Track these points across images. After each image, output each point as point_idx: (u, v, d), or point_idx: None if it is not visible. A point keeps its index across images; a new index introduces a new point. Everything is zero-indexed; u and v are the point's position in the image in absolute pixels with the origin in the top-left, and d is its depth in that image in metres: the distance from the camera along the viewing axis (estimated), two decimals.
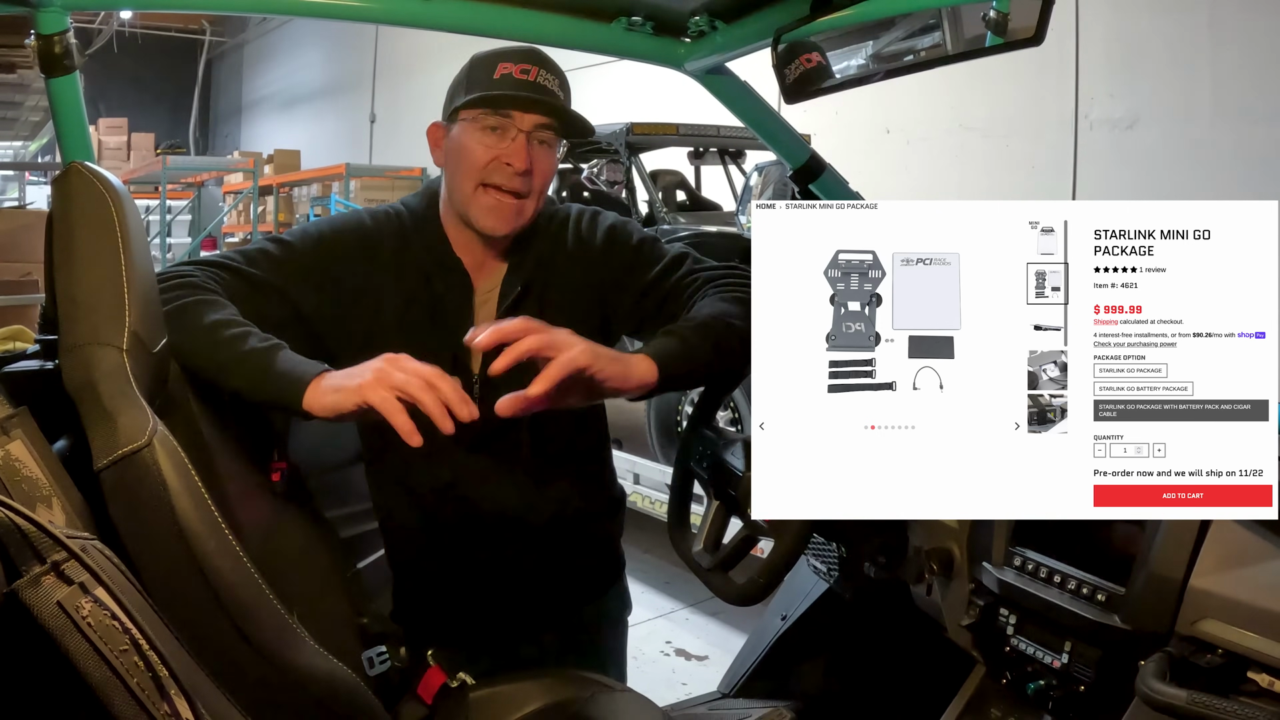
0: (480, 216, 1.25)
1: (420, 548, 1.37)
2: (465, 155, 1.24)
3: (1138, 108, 5.19)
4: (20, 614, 0.59)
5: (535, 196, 1.26)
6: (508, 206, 1.25)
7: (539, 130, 1.24)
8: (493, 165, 1.23)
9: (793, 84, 1.35)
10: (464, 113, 1.25)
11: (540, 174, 1.25)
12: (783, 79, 1.34)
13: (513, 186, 1.24)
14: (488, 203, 1.24)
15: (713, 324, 1.18)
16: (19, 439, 0.86)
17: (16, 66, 7.05)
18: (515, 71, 1.23)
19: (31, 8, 1.16)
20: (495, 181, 1.23)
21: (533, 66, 1.24)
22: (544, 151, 1.25)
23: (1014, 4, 1.19)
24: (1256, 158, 4.60)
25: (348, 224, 1.32)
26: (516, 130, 1.23)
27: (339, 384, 1.04)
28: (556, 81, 1.26)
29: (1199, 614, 0.94)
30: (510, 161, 1.22)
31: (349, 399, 1.02)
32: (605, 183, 5.55)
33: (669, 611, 3.41)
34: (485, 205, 1.25)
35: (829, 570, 1.57)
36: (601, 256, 1.34)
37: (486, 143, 1.23)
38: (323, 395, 1.04)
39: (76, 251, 0.94)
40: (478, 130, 1.24)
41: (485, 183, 1.24)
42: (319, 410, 1.04)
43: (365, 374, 1.03)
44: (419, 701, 1.26)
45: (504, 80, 1.23)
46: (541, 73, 1.24)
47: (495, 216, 1.25)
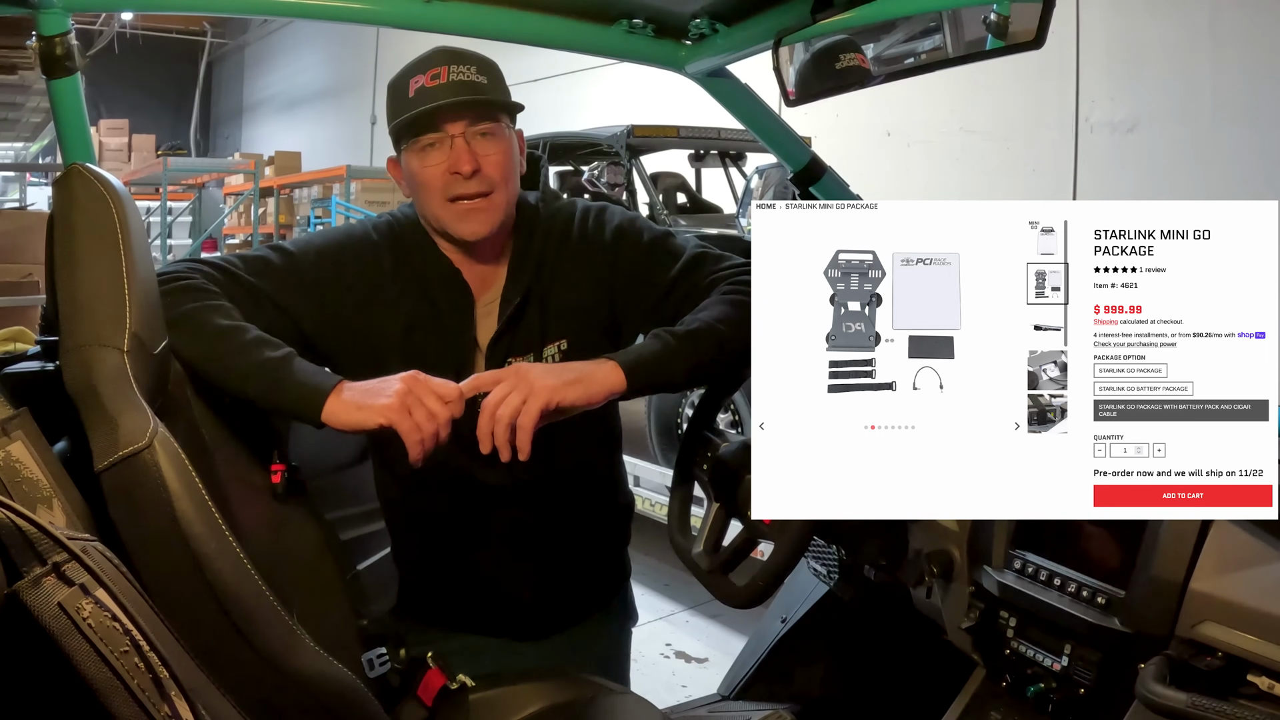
0: (455, 226, 1.24)
1: (425, 551, 1.38)
2: (420, 183, 1.24)
3: (1138, 110, 5.19)
4: (21, 615, 0.59)
5: (501, 186, 1.24)
6: (478, 209, 1.24)
7: (472, 126, 1.22)
8: (446, 179, 1.22)
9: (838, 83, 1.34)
10: (402, 143, 1.25)
11: (494, 165, 1.23)
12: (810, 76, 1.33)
13: (471, 190, 1.22)
14: (456, 212, 1.24)
15: (703, 332, 1.18)
16: (20, 440, 0.86)
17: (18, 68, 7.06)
18: (426, 80, 1.22)
19: (33, 9, 1.16)
20: (455, 193, 1.23)
21: (441, 68, 1.22)
22: (488, 143, 1.23)
23: (1015, 7, 1.19)
24: (1257, 159, 4.60)
25: (350, 237, 1.31)
26: (450, 138, 1.22)
27: (361, 401, 1.06)
28: (473, 69, 1.23)
29: (1199, 617, 0.94)
30: (457, 169, 1.21)
31: (372, 418, 1.05)
32: (606, 185, 5.54)
33: (669, 614, 3.41)
34: (455, 215, 1.24)
35: (829, 573, 1.57)
36: (610, 256, 1.31)
37: (431, 162, 1.22)
38: (344, 410, 1.06)
39: (77, 253, 0.94)
40: (419, 154, 1.23)
41: (447, 197, 1.23)
42: (338, 425, 1.06)
43: (389, 395, 1.05)
44: (419, 703, 1.25)
45: (420, 94, 1.21)
46: (453, 69, 1.22)
47: (468, 222, 1.24)
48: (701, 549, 1.33)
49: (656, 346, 1.17)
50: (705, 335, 1.17)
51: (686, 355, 1.16)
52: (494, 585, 1.35)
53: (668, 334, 1.18)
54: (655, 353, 1.16)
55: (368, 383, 1.08)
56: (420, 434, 1.05)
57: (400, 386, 1.06)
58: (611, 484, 1.46)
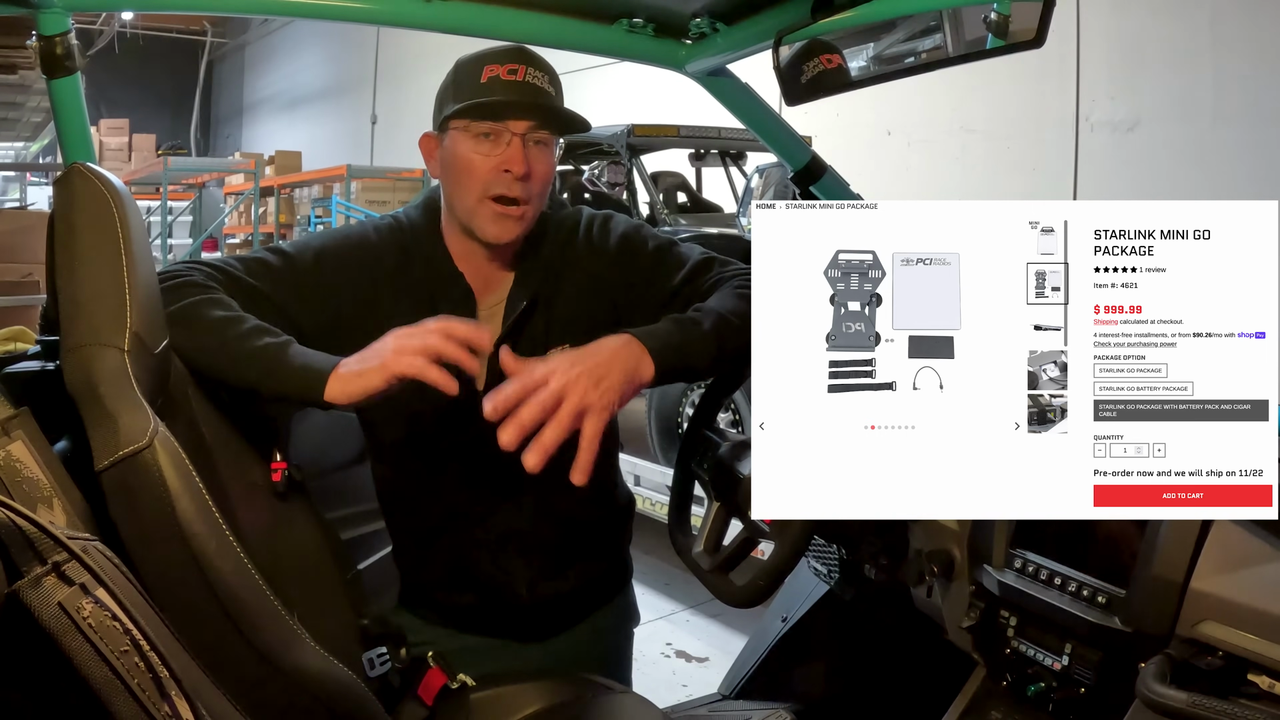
0: (484, 228, 1.23)
1: (426, 551, 1.37)
2: (463, 168, 1.22)
3: (1138, 110, 5.19)
4: (21, 615, 0.59)
5: (536, 200, 1.25)
6: (511, 215, 1.23)
7: (533, 131, 1.22)
8: (492, 175, 1.21)
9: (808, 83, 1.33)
10: (454, 122, 1.22)
11: (539, 177, 1.23)
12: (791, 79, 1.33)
13: (514, 194, 1.21)
14: (491, 214, 1.22)
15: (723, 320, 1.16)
16: (20, 440, 0.86)
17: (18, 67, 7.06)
18: (502, 73, 1.20)
19: (33, 9, 1.16)
20: (497, 192, 1.21)
21: (520, 65, 1.21)
22: (541, 152, 1.23)
23: (1015, 6, 1.19)
24: (1256, 159, 4.60)
25: (350, 239, 1.30)
26: (510, 134, 1.20)
27: (360, 369, 1.05)
28: (546, 78, 1.23)
29: (1199, 616, 0.94)
30: (508, 168, 1.20)
31: (377, 377, 1.04)
32: (606, 184, 5.55)
33: (669, 613, 3.41)
34: (489, 216, 1.23)
35: (829, 572, 1.57)
36: (615, 265, 1.31)
37: (482, 151, 1.21)
38: (346, 383, 1.05)
39: (78, 252, 0.94)
40: (471, 139, 1.21)
41: (488, 194, 1.22)
42: (344, 398, 1.05)
43: (384, 351, 1.05)
44: (419, 703, 1.25)
45: (492, 84, 1.20)
46: (529, 71, 1.21)
47: (499, 226, 1.23)
48: (702, 548, 1.33)
49: (679, 330, 1.15)
50: (723, 322, 1.17)
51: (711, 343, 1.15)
52: (494, 586, 1.35)
53: (689, 320, 1.17)
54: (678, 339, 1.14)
55: (359, 355, 1.07)
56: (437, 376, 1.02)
57: (390, 342, 1.05)
58: (610, 482, 1.46)
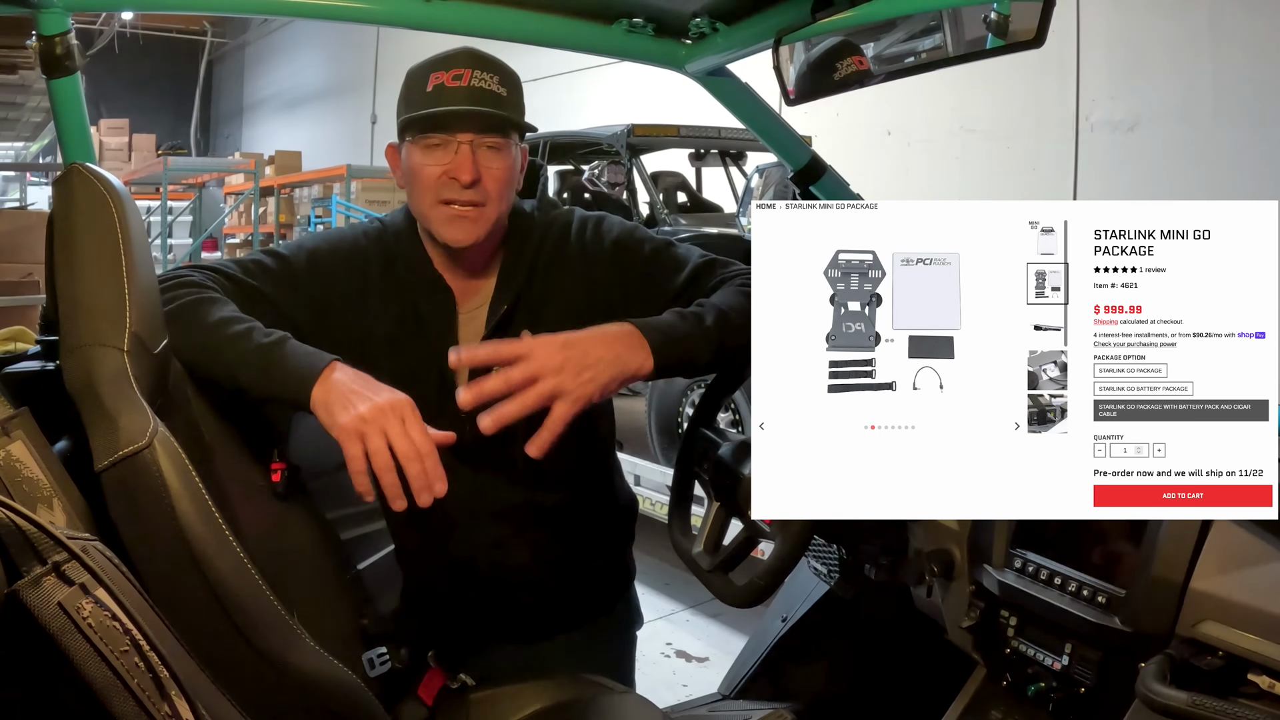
0: (441, 230, 1.24)
1: (425, 555, 1.37)
2: (416, 176, 1.23)
3: (1139, 109, 5.19)
4: (21, 615, 0.59)
5: (495, 201, 1.24)
6: (465, 217, 1.22)
7: (479, 137, 1.21)
8: (442, 181, 1.21)
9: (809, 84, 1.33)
10: (408, 134, 1.23)
11: (494, 179, 1.22)
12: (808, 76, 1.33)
13: (465, 199, 1.21)
14: (445, 215, 1.23)
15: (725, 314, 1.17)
16: (20, 440, 0.86)
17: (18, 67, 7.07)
18: (448, 79, 1.20)
19: (33, 9, 1.16)
20: (447, 196, 1.22)
21: (465, 70, 1.20)
22: (493, 155, 1.22)
23: (1015, 6, 1.19)
24: (1257, 159, 4.60)
25: (342, 242, 1.31)
26: (457, 143, 1.20)
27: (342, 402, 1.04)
28: (495, 79, 1.22)
29: (1199, 616, 0.94)
30: (456, 176, 1.20)
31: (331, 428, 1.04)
32: (606, 184, 5.55)
33: (669, 613, 3.41)
34: (443, 218, 1.23)
35: (829, 572, 1.57)
36: (610, 267, 1.31)
37: (431, 160, 1.21)
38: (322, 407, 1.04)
39: (77, 252, 0.94)
40: (421, 150, 1.22)
41: (440, 199, 1.22)
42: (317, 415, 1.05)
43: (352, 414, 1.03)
44: (419, 703, 1.25)
45: (438, 91, 1.20)
46: (476, 74, 1.20)
47: (455, 228, 1.23)
48: (702, 548, 1.33)
49: (682, 324, 1.15)
50: (726, 318, 1.17)
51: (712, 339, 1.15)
52: (496, 587, 1.35)
53: (693, 314, 1.17)
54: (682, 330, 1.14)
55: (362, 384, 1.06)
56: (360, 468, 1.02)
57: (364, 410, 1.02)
58: (610, 483, 1.45)
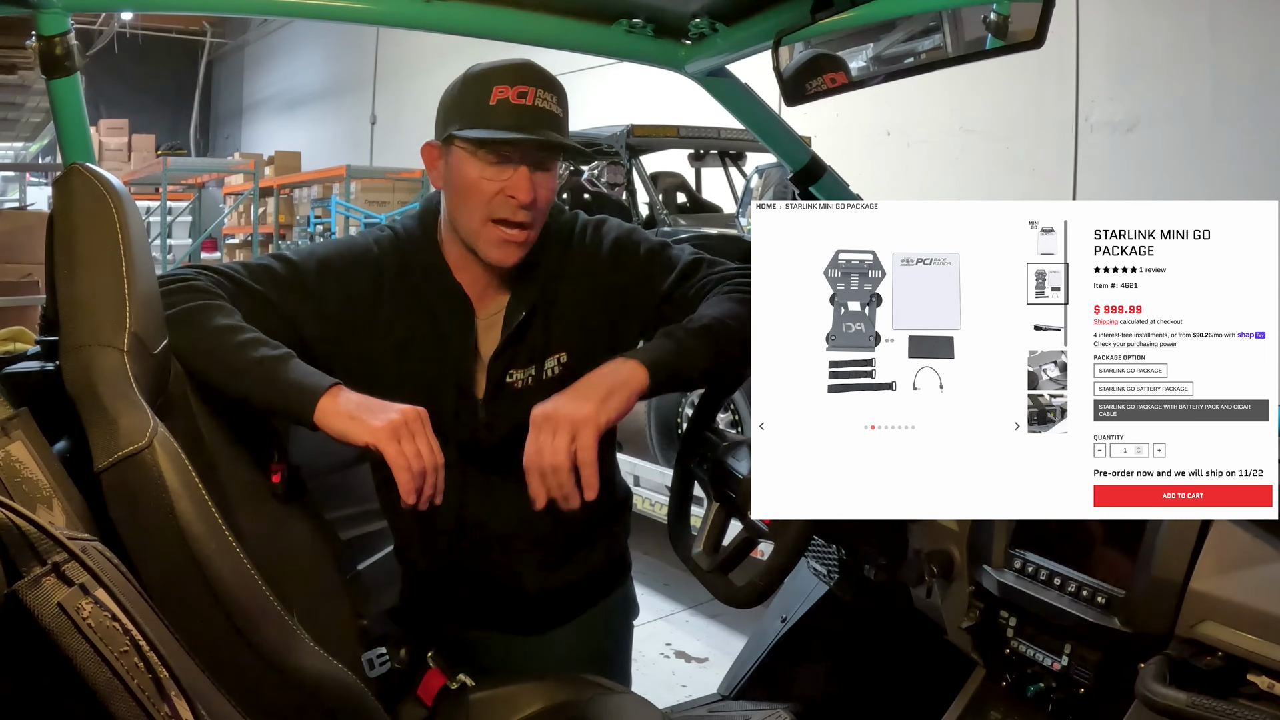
0: (488, 251, 1.23)
1: (426, 550, 1.37)
2: (468, 189, 1.21)
3: (1138, 110, 5.19)
4: (21, 615, 0.59)
5: (541, 221, 1.25)
6: (514, 240, 1.22)
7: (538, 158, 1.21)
8: (498, 200, 1.20)
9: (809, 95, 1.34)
10: (462, 141, 1.21)
11: (543, 201, 1.23)
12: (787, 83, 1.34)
13: (519, 219, 1.21)
14: (496, 237, 1.22)
15: (713, 327, 1.18)
16: (19, 440, 0.86)
17: (18, 68, 7.07)
18: (512, 96, 1.18)
19: (33, 9, 1.16)
20: (501, 216, 1.20)
21: (529, 88, 1.19)
22: (544, 178, 1.22)
23: (1014, 7, 1.19)
24: (1257, 159, 4.60)
25: (353, 249, 1.30)
26: (517, 164, 1.20)
27: (355, 413, 1.06)
28: (554, 99, 1.21)
29: (1199, 616, 0.94)
30: (514, 195, 1.19)
31: (362, 434, 1.05)
32: (606, 185, 5.54)
33: (669, 614, 3.41)
34: (493, 240, 1.22)
35: (829, 572, 1.57)
36: (609, 269, 1.31)
37: (488, 175, 1.20)
38: (337, 418, 1.06)
39: (77, 253, 0.94)
40: (479, 164, 1.20)
41: (491, 217, 1.21)
42: (328, 429, 1.06)
43: (385, 419, 1.05)
44: (419, 703, 1.25)
45: (500, 108, 1.18)
46: (539, 94, 1.19)
47: (503, 251, 1.22)
48: (701, 549, 1.33)
49: (672, 344, 1.16)
50: (717, 330, 1.17)
51: (703, 352, 1.16)
52: (496, 580, 1.36)
53: (681, 331, 1.18)
54: (672, 350, 1.16)
55: (370, 399, 1.07)
56: (408, 466, 1.04)
57: (396, 417, 1.05)
58: (609, 479, 1.46)
